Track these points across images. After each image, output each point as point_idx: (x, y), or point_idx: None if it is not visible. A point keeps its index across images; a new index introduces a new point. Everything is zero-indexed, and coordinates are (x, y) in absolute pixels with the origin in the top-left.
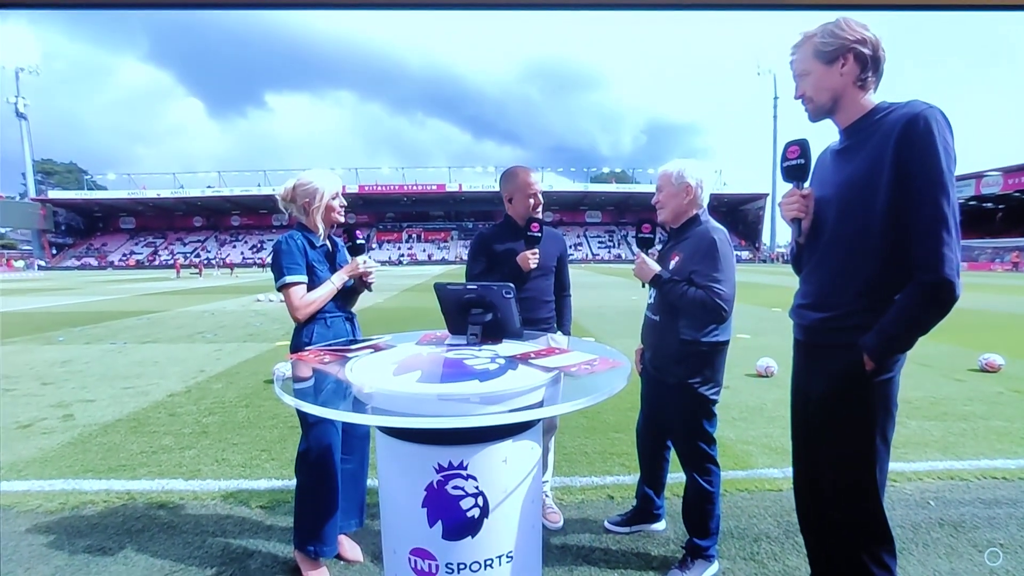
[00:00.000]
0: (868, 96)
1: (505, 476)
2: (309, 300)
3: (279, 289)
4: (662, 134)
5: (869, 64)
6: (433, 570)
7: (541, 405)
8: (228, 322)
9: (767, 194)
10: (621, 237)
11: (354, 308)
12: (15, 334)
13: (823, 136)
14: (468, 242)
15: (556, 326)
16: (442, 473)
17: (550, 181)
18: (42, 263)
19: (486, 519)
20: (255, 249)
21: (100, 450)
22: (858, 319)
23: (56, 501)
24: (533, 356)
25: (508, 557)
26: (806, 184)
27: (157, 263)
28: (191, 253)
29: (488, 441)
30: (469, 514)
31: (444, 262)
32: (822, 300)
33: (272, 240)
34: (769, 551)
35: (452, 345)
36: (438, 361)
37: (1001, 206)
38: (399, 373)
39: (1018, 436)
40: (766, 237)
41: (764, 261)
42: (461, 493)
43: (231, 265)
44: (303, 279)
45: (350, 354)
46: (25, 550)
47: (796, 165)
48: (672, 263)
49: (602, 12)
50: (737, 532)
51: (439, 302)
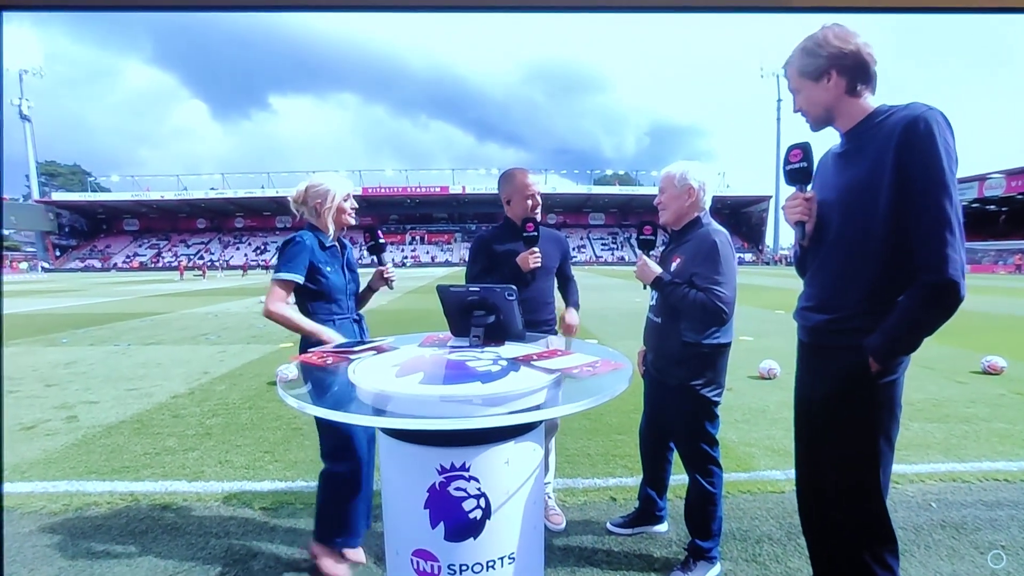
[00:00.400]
0: (866, 100)
1: (507, 477)
2: (283, 308)
3: (272, 279)
4: (665, 136)
5: (856, 74)
6: (435, 571)
7: (543, 407)
8: (232, 324)
9: (770, 196)
10: (624, 239)
11: (361, 309)
12: (19, 336)
13: (824, 139)
14: None
15: (556, 328)
16: (444, 474)
17: (553, 183)
18: (46, 265)
19: (488, 520)
20: (259, 251)
21: (104, 451)
22: (861, 321)
23: (60, 502)
24: (535, 358)
25: (510, 558)
26: (809, 187)
27: (161, 265)
28: (195, 255)
29: (490, 443)
30: (471, 515)
31: (447, 264)
32: (825, 302)
33: (276, 242)
34: (771, 553)
35: (455, 347)
36: (441, 363)
37: (1004, 208)
38: (402, 375)
39: (1020, 438)
40: (769, 239)
41: (767, 263)
42: (463, 494)
43: (245, 267)
44: (296, 279)
45: (353, 356)
46: (29, 551)
47: (799, 168)
48: (673, 265)
49: (606, 15)
50: (739, 534)
51: (442, 304)
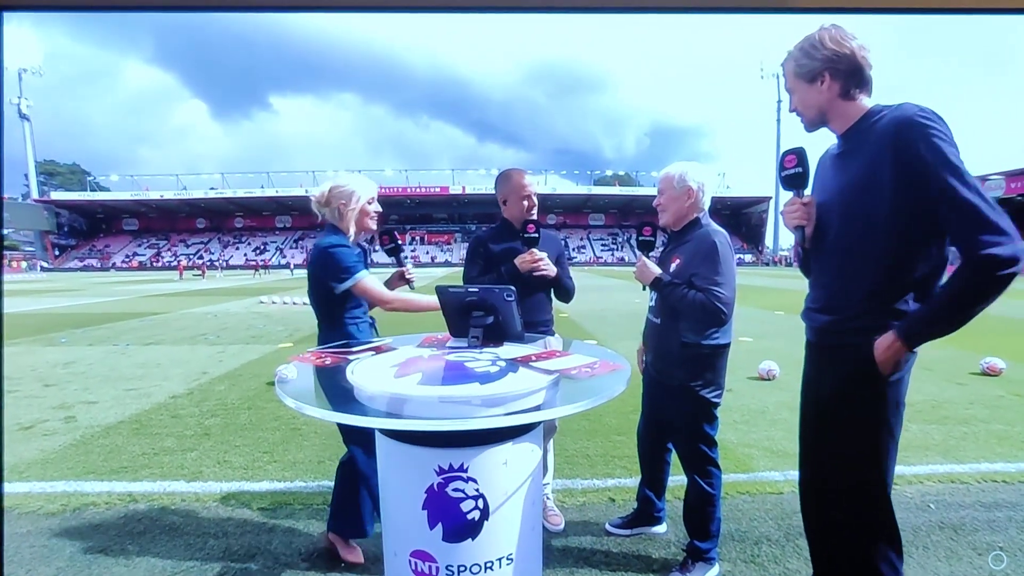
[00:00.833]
0: (860, 102)
1: (505, 478)
2: (395, 295)
3: (351, 289)
4: (666, 137)
5: (850, 78)
6: (433, 572)
7: (542, 408)
8: (231, 324)
9: (770, 197)
10: (624, 240)
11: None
12: (18, 335)
13: (821, 139)
14: None
15: (554, 329)
16: (443, 475)
17: (553, 184)
18: (45, 264)
19: (486, 521)
20: (258, 251)
21: (102, 452)
22: (865, 321)
23: (58, 503)
24: (534, 359)
25: (508, 559)
26: (807, 191)
27: (160, 265)
28: (194, 255)
29: (489, 443)
30: (470, 516)
31: (447, 264)
32: (829, 303)
33: (275, 242)
34: (770, 554)
35: (453, 348)
36: (439, 363)
37: (1004, 210)
38: (400, 375)
39: (1019, 440)
40: (769, 240)
41: (767, 264)
42: (461, 495)
43: (266, 265)
44: (368, 272)
45: (352, 356)
46: (27, 552)
47: (794, 174)
48: (673, 266)
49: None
50: (738, 535)
51: (440, 305)
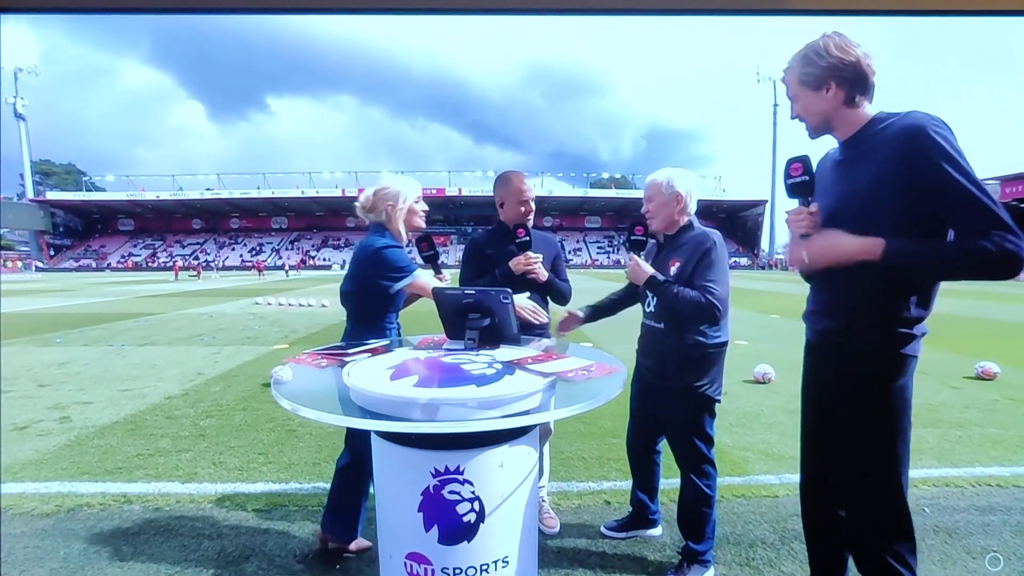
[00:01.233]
0: (863, 109)
1: (501, 481)
2: (437, 283)
3: (407, 287)
4: (662, 140)
5: (855, 85)
6: (429, 575)
7: (538, 410)
8: (226, 325)
9: (766, 201)
10: (620, 243)
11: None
12: (12, 335)
13: (820, 144)
14: None
15: (550, 332)
16: (438, 478)
17: (550, 186)
18: (40, 264)
19: (482, 524)
20: (254, 252)
21: (97, 452)
22: (868, 328)
23: (52, 503)
24: (530, 361)
25: (504, 562)
26: (811, 199)
27: (156, 265)
28: (190, 256)
29: (485, 446)
30: (465, 519)
31: (443, 266)
32: (832, 308)
33: (271, 243)
34: (765, 557)
35: (450, 350)
36: (435, 366)
37: None
38: (396, 377)
39: (1013, 443)
40: (764, 243)
41: (762, 267)
42: (457, 498)
43: (298, 267)
44: (420, 268)
45: (347, 358)
46: (20, 553)
47: (800, 182)
48: (672, 269)
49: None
50: (733, 538)
51: (437, 307)
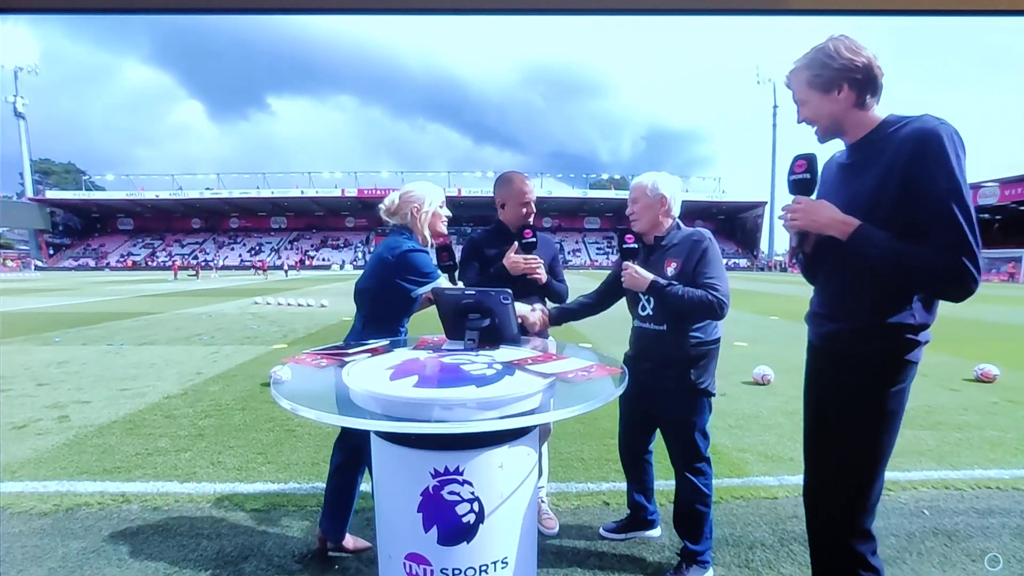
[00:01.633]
0: (872, 112)
1: (501, 482)
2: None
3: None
4: (662, 141)
5: (866, 87)
6: (428, 575)
7: (537, 411)
8: (225, 324)
9: (765, 202)
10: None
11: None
12: (11, 334)
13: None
14: None
15: (548, 332)
16: (438, 478)
17: (549, 187)
18: (39, 263)
19: (482, 525)
20: (253, 252)
21: (95, 452)
22: (871, 331)
23: (50, 503)
24: (530, 362)
25: (503, 563)
26: (813, 197)
27: (155, 265)
28: (189, 255)
29: (484, 446)
30: (465, 519)
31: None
32: (835, 311)
33: (270, 243)
34: (764, 559)
35: (449, 350)
36: (435, 366)
37: (998, 217)
38: (396, 378)
39: (1012, 446)
40: (764, 245)
41: (761, 269)
42: (457, 498)
43: (297, 266)
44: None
45: (347, 358)
46: (19, 552)
47: (802, 180)
48: (669, 270)
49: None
50: (732, 540)
51: (437, 307)
